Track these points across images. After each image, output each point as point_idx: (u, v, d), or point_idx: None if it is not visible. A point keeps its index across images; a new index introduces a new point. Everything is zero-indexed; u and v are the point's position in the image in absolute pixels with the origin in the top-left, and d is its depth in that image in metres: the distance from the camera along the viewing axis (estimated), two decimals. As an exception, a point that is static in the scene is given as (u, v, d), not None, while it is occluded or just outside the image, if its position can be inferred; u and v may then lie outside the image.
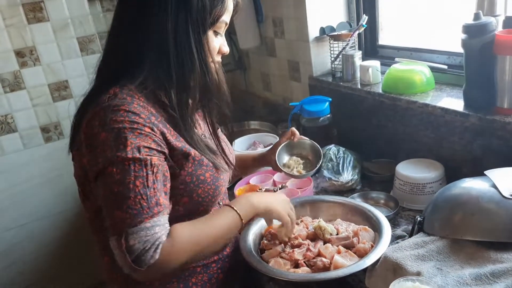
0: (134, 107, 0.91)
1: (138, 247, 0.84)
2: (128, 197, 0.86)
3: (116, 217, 0.86)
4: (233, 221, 1.01)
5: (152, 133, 0.91)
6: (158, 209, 0.88)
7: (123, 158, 0.87)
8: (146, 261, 0.85)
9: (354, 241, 1.11)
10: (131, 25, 0.97)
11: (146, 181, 0.88)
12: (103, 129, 0.89)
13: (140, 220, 0.85)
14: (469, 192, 1.02)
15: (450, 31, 1.53)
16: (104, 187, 0.89)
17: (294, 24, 1.92)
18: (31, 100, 2.24)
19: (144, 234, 0.85)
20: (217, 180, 1.03)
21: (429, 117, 1.42)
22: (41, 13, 2.15)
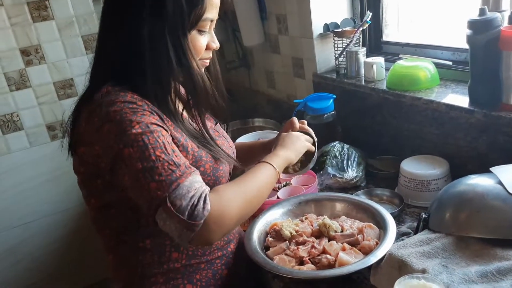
0: (128, 98, 0.92)
1: (186, 204, 0.84)
2: (156, 168, 0.86)
3: (153, 189, 0.85)
4: (271, 173, 1.05)
5: (152, 114, 0.92)
6: (190, 170, 0.89)
7: (135, 135, 0.87)
8: (200, 214, 0.84)
9: (359, 238, 1.11)
10: (111, 31, 0.98)
11: (165, 149, 0.88)
12: (104, 121, 0.89)
13: (177, 182, 0.86)
14: (474, 189, 1.02)
15: (455, 27, 1.52)
16: (127, 169, 0.88)
17: (298, 20, 1.91)
18: (36, 98, 2.25)
19: (187, 191, 0.86)
20: (217, 171, 1.04)
21: (434, 114, 1.42)
22: (46, 12, 2.16)
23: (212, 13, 0.99)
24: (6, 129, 2.22)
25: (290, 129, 1.28)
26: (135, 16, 0.93)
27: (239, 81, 2.68)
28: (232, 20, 2.39)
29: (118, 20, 0.96)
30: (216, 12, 1.00)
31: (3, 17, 2.09)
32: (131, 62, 0.96)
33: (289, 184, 1.47)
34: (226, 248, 1.12)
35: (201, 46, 1.00)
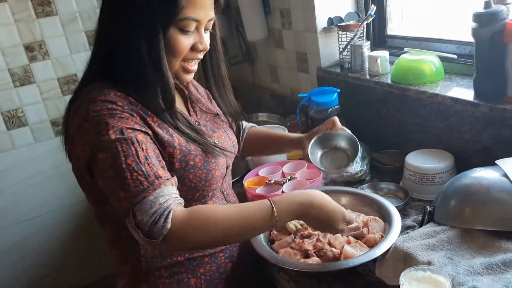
0: (111, 97, 0.92)
1: (146, 221, 0.85)
2: (125, 177, 0.87)
3: (121, 198, 0.87)
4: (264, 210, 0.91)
5: (131, 117, 0.93)
6: (158, 182, 0.88)
7: (108, 141, 0.88)
8: (158, 232, 0.85)
9: (364, 232, 1.11)
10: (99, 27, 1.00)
11: (138, 158, 0.88)
12: (84, 120, 0.91)
13: (143, 194, 0.86)
14: (479, 182, 1.02)
15: (460, 20, 1.52)
16: (100, 174, 0.90)
17: (301, 15, 1.91)
18: (41, 94, 2.26)
19: (149, 207, 0.86)
20: (208, 164, 1.03)
21: (439, 107, 1.41)
22: (49, 7, 2.16)
23: (196, 13, 0.94)
24: (10, 125, 2.23)
25: (331, 127, 1.25)
26: (114, 11, 0.96)
27: (242, 76, 2.68)
28: (236, 15, 2.39)
29: (103, 16, 0.99)
30: (203, 13, 0.96)
31: (7, 13, 2.09)
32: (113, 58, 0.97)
33: (294, 178, 1.48)
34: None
35: (181, 46, 0.96)
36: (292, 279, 1.09)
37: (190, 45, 0.98)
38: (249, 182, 1.52)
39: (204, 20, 0.97)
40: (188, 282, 1.05)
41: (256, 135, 1.39)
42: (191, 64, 1.02)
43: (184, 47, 0.97)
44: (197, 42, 0.99)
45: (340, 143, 1.29)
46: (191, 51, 0.99)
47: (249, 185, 1.50)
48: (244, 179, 1.54)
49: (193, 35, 0.98)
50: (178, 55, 0.98)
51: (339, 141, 1.29)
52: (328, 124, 1.26)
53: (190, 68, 1.02)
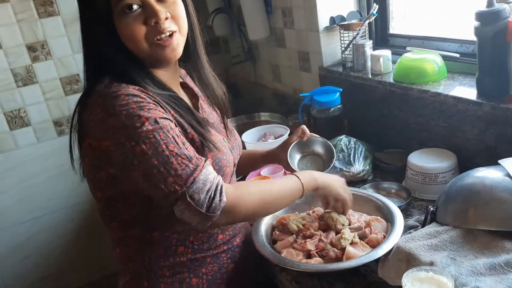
0: (131, 91, 0.91)
1: (204, 198, 0.88)
2: (171, 163, 0.88)
3: (171, 183, 0.88)
4: (296, 185, 1.05)
5: (157, 107, 0.93)
6: (201, 162, 0.91)
7: (146, 132, 0.88)
8: (217, 206, 0.89)
9: (366, 232, 1.11)
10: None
11: (177, 143, 0.90)
12: (109, 114, 0.89)
13: (193, 176, 0.89)
14: (482, 182, 1.02)
15: (462, 18, 1.51)
16: (142, 165, 0.89)
17: (303, 14, 1.90)
18: (43, 94, 2.26)
19: (203, 185, 0.89)
20: (220, 161, 1.03)
21: (441, 106, 1.41)
22: (51, 7, 2.17)
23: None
24: (13, 125, 2.24)
25: (301, 136, 1.29)
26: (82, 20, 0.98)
27: (244, 75, 2.67)
28: (238, 14, 2.39)
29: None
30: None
31: (9, 13, 2.09)
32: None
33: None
34: (232, 242, 1.12)
35: (130, 28, 0.93)
36: (294, 279, 1.09)
37: (141, 23, 0.93)
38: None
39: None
40: (189, 282, 1.05)
41: None
42: (163, 39, 0.95)
43: (133, 28, 0.93)
44: (147, 16, 0.93)
45: (316, 149, 1.32)
46: (147, 27, 0.94)
47: (251, 185, 1.50)
48: (246, 178, 1.54)
49: (140, 12, 0.93)
50: (132, 37, 0.94)
51: (314, 147, 1.32)
52: (298, 133, 1.29)
53: (163, 43, 0.96)
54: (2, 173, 2.26)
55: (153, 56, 0.98)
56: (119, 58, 0.96)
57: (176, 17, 0.97)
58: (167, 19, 0.95)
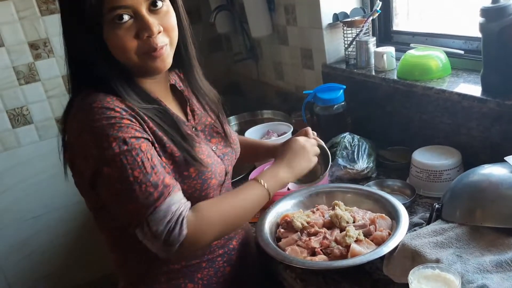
0: (107, 101, 0.88)
1: (162, 230, 0.85)
2: (134, 190, 0.85)
3: (131, 210, 0.86)
4: (261, 194, 1.01)
5: (131, 124, 0.88)
6: (167, 190, 0.87)
7: (113, 155, 0.85)
8: (176, 240, 0.86)
9: (371, 229, 1.10)
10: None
11: (144, 168, 0.86)
12: (83, 131, 0.87)
13: (154, 205, 0.85)
14: (488, 179, 1.01)
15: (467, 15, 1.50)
16: (106, 188, 0.88)
17: (306, 11, 1.90)
18: (45, 92, 2.26)
19: (163, 216, 0.85)
20: (204, 174, 0.98)
21: (446, 103, 1.40)
22: (53, 5, 2.16)
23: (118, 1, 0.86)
24: (16, 123, 2.24)
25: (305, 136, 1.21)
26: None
27: (246, 73, 2.67)
28: (240, 11, 2.38)
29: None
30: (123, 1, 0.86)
31: (12, 11, 2.09)
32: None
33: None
34: (228, 245, 1.11)
35: (121, 40, 0.88)
36: (299, 276, 1.09)
37: (132, 35, 0.89)
38: (255, 180, 1.51)
39: (137, 3, 0.87)
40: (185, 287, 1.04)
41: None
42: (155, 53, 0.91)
43: (124, 40, 0.88)
44: (139, 29, 0.89)
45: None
46: (139, 40, 0.90)
47: (255, 182, 1.49)
48: (249, 177, 1.53)
49: (132, 23, 0.88)
50: (122, 49, 0.89)
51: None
52: (300, 135, 1.21)
53: (153, 54, 0.91)
54: (5, 171, 2.26)
55: (142, 67, 0.94)
56: (104, 67, 0.91)
57: (169, 29, 0.94)
58: (159, 32, 0.91)
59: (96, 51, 0.90)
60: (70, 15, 0.90)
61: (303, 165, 1.10)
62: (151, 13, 0.90)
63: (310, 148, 1.12)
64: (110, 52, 0.91)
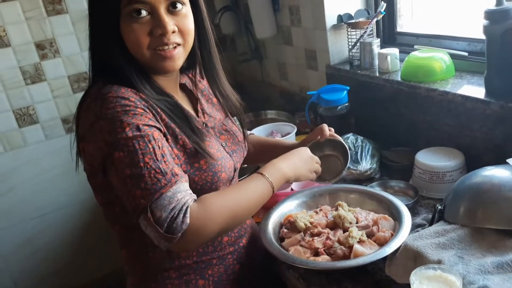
0: (122, 92, 0.91)
1: (166, 216, 0.84)
2: (143, 175, 0.86)
3: (137, 196, 0.86)
4: (265, 188, 1.01)
5: (145, 112, 0.91)
6: (175, 179, 0.88)
7: (126, 139, 0.87)
8: (178, 228, 0.85)
9: (374, 230, 1.11)
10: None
11: (155, 155, 0.88)
12: (97, 118, 0.89)
13: (160, 191, 0.86)
14: (491, 181, 1.02)
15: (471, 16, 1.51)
16: (116, 173, 0.89)
17: (311, 12, 1.90)
18: (51, 91, 2.28)
19: (168, 203, 0.85)
20: (214, 167, 1.00)
21: (449, 105, 1.41)
22: (60, 5, 2.18)
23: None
24: (22, 123, 2.26)
25: (319, 135, 1.24)
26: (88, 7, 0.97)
27: (251, 74, 2.68)
28: (245, 12, 2.39)
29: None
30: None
31: (18, 11, 2.11)
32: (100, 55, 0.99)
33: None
34: (238, 243, 1.12)
35: (134, 34, 0.92)
36: (302, 276, 1.10)
37: (146, 31, 0.92)
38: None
39: (155, 2, 0.91)
40: (196, 283, 1.05)
41: (254, 143, 1.35)
42: (165, 50, 0.95)
43: (138, 34, 0.92)
44: (154, 26, 0.92)
45: (332, 149, 1.27)
46: (152, 37, 0.93)
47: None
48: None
49: (148, 19, 0.92)
50: (135, 43, 0.93)
51: (330, 147, 1.27)
52: (317, 132, 1.24)
53: (164, 54, 0.95)
54: (11, 170, 2.28)
55: (153, 65, 0.97)
56: (121, 59, 0.95)
57: (184, 32, 0.96)
58: (174, 32, 0.94)
59: (115, 43, 0.93)
60: (94, 7, 0.94)
61: (304, 172, 1.12)
62: (170, 14, 0.94)
63: (314, 163, 1.15)
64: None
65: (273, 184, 1.02)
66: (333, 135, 1.25)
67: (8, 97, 2.19)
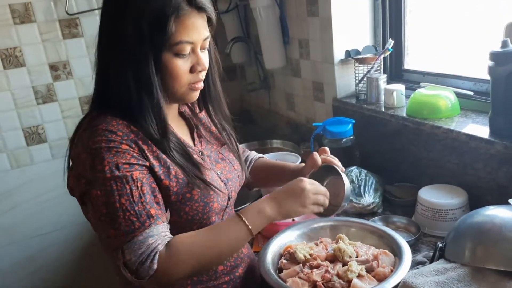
0: (112, 125, 0.93)
1: (134, 260, 0.87)
2: (118, 216, 0.88)
3: (111, 236, 0.89)
4: (241, 233, 0.98)
5: (129, 149, 0.92)
6: (149, 222, 0.90)
7: (103, 179, 0.89)
8: (145, 272, 0.88)
9: (374, 265, 1.10)
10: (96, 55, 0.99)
11: (132, 196, 0.90)
12: (83, 150, 0.92)
13: (133, 234, 0.88)
14: (492, 220, 1.01)
15: (476, 57, 1.53)
16: (93, 209, 0.92)
17: (319, 46, 1.94)
18: (61, 112, 2.32)
19: (138, 247, 0.88)
20: (206, 197, 1.01)
21: (454, 143, 1.41)
22: (76, 29, 2.24)
23: (189, 36, 0.94)
24: (31, 141, 2.29)
25: (312, 166, 1.16)
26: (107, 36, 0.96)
27: (258, 102, 2.71)
28: (255, 43, 2.44)
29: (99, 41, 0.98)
30: (196, 34, 0.95)
31: (35, 33, 2.17)
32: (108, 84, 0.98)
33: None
34: (234, 272, 1.12)
35: (179, 71, 0.96)
36: (299, 309, 1.08)
37: (189, 68, 0.98)
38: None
39: (198, 41, 0.97)
40: None
41: (261, 167, 1.35)
42: (197, 86, 1.02)
43: (182, 71, 0.97)
44: (195, 63, 0.98)
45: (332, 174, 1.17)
46: (190, 73, 0.99)
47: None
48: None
49: (190, 57, 0.98)
50: (178, 79, 0.97)
51: (330, 173, 1.17)
52: (309, 162, 1.17)
53: (196, 87, 1.02)
54: (17, 187, 2.30)
55: (182, 97, 1.01)
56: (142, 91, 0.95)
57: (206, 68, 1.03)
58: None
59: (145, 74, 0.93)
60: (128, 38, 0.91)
61: (293, 208, 1.02)
62: (202, 51, 1.00)
63: (311, 194, 1.03)
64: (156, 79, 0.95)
65: (252, 227, 0.98)
66: (326, 159, 1.17)
67: (19, 116, 2.23)
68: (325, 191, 1.07)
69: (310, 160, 1.17)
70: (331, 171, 1.16)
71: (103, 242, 0.92)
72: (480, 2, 1.56)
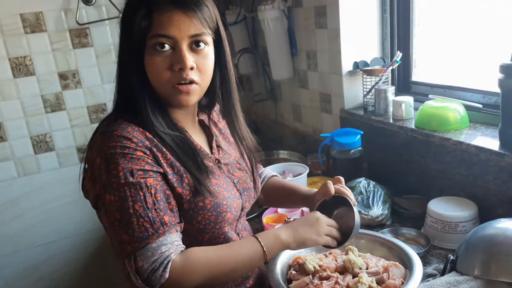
0: (127, 131, 0.93)
1: (146, 268, 0.87)
2: (131, 222, 0.88)
3: (124, 241, 0.89)
4: (256, 254, 0.98)
5: (144, 156, 0.93)
6: (163, 229, 0.90)
7: (118, 184, 0.89)
8: (156, 280, 0.87)
9: (384, 277, 1.09)
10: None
11: (145, 203, 0.90)
12: (99, 154, 0.92)
13: (147, 241, 0.88)
14: (504, 233, 1.01)
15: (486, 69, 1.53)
16: (106, 214, 0.91)
17: (327, 58, 1.95)
18: (70, 120, 2.33)
19: (151, 254, 0.88)
20: (218, 206, 1.01)
21: (463, 155, 1.41)
22: (86, 39, 2.26)
23: (166, 30, 0.92)
24: (38, 149, 2.30)
25: (324, 194, 1.14)
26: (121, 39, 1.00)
27: (265, 113, 2.72)
28: (263, 54, 2.46)
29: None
30: (176, 30, 0.92)
31: (46, 43, 2.19)
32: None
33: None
34: (244, 284, 1.11)
35: (157, 67, 0.94)
36: (309, 321, 1.07)
37: (168, 65, 0.94)
38: (268, 219, 1.52)
39: (180, 38, 0.93)
40: None
41: (273, 186, 1.34)
42: (181, 85, 0.96)
43: (160, 67, 0.94)
44: (174, 61, 0.94)
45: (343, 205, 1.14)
46: (172, 71, 0.95)
47: (268, 221, 1.50)
48: (263, 215, 1.54)
49: (171, 54, 0.94)
50: (157, 76, 0.95)
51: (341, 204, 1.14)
52: (322, 190, 1.15)
53: (181, 88, 0.96)
54: (23, 195, 2.30)
55: (169, 98, 0.99)
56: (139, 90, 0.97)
57: (202, 70, 0.98)
58: (192, 69, 0.96)
59: (136, 74, 0.96)
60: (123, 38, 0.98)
61: (308, 235, 1.03)
62: (192, 51, 0.96)
63: (325, 225, 1.06)
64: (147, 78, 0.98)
65: (267, 250, 0.99)
66: (339, 190, 1.14)
67: (27, 124, 2.25)
68: (335, 224, 1.10)
69: (323, 188, 1.15)
70: (343, 203, 1.14)
71: (116, 247, 0.91)
72: (488, 15, 1.56)
